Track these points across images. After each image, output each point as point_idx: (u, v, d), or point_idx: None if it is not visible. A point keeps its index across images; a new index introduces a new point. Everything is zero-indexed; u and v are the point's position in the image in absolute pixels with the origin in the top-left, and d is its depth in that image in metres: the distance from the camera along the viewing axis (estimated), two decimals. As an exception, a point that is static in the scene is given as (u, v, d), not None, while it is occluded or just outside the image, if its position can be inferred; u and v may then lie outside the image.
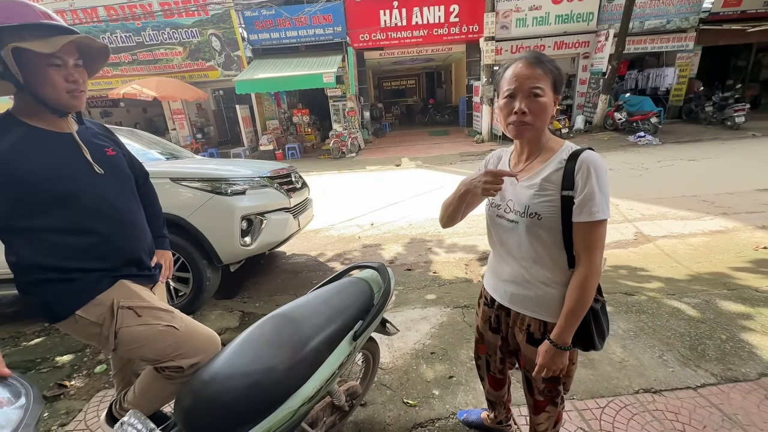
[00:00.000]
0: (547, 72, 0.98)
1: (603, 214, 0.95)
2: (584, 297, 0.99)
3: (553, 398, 1.19)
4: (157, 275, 1.31)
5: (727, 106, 10.29)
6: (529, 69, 0.97)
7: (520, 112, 0.98)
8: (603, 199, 0.95)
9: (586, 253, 0.98)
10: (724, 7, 11.22)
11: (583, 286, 0.98)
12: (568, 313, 1.00)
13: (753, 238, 3.53)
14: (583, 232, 0.97)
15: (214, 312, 2.81)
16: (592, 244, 0.97)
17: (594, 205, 0.94)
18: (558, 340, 1.02)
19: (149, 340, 1.09)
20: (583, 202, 0.95)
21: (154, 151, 3.44)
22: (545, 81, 0.97)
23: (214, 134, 14.25)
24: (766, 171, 5.87)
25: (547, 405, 1.21)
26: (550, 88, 0.98)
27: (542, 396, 1.20)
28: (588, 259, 0.98)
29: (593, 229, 0.96)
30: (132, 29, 11.55)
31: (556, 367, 1.05)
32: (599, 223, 0.95)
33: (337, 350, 1.18)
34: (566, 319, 1.01)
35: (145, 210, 1.35)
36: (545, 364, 1.05)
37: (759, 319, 2.28)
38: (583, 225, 0.96)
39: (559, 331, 1.02)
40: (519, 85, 0.98)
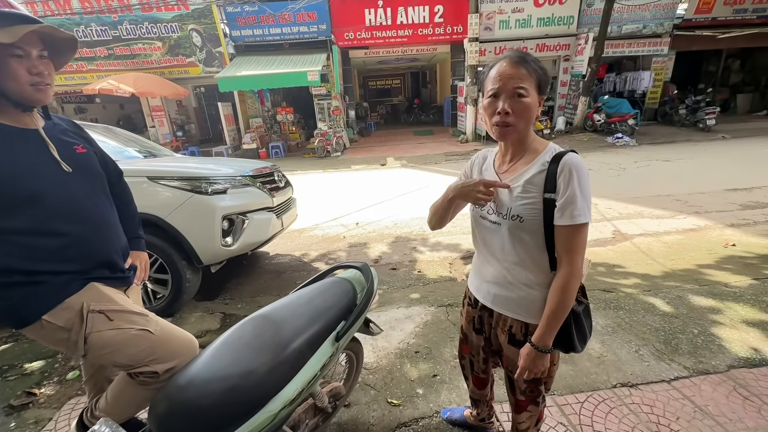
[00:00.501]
0: (532, 72, 0.96)
1: (584, 217, 0.94)
2: (565, 300, 0.99)
3: (534, 398, 1.20)
4: (131, 277, 1.26)
5: (699, 109, 10.71)
6: (513, 68, 0.96)
7: (503, 113, 0.97)
8: (584, 202, 0.95)
9: (567, 255, 0.98)
10: (696, 14, 11.67)
11: (564, 289, 0.98)
12: (549, 316, 1.00)
13: (723, 236, 3.68)
14: (565, 235, 0.97)
15: (194, 314, 2.74)
16: (574, 247, 0.97)
17: (575, 208, 0.94)
18: (539, 343, 1.02)
19: (121, 345, 1.05)
20: (565, 206, 0.95)
21: (132, 149, 3.33)
22: (529, 81, 0.96)
23: (195, 132, 13.92)
24: (736, 172, 6.14)
25: (528, 404, 1.22)
26: (534, 88, 0.97)
27: (524, 396, 1.21)
28: (569, 262, 0.98)
29: (575, 233, 0.96)
30: (108, 22, 11.15)
31: (537, 370, 1.06)
32: (581, 226, 0.95)
33: (320, 351, 1.16)
34: (547, 322, 1.01)
35: (119, 210, 1.30)
36: (526, 366, 1.06)
37: (728, 313, 2.38)
38: (564, 228, 0.96)
39: (540, 333, 1.02)
40: (503, 85, 0.97)
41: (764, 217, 4.12)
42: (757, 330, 2.19)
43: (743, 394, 1.73)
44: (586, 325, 1.11)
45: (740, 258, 3.19)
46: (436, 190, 5.57)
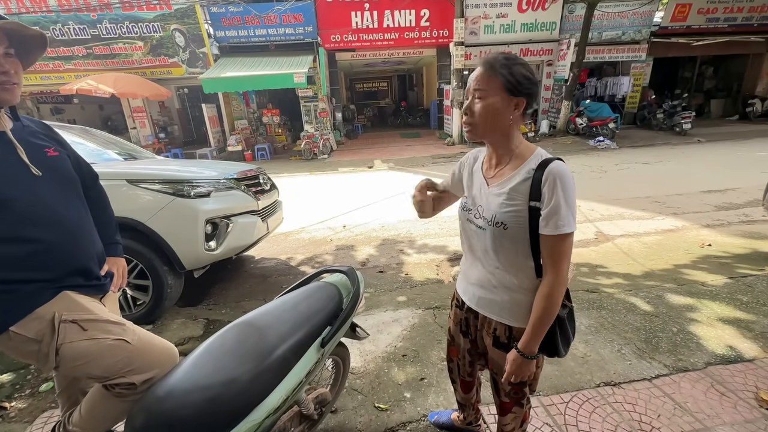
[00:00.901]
0: (494, 75, 0.96)
1: (569, 227, 0.94)
2: (551, 308, 0.99)
3: (518, 399, 1.21)
4: (107, 285, 1.22)
5: (675, 114, 11.09)
6: (479, 71, 0.99)
7: (464, 111, 1.02)
8: (569, 212, 0.94)
9: (552, 264, 0.98)
10: (672, 22, 12.10)
11: (550, 296, 0.98)
12: (535, 323, 1.00)
13: (699, 236, 3.81)
14: (550, 244, 0.97)
15: (177, 321, 2.67)
16: (558, 256, 0.97)
17: (560, 218, 0.93)
18: (525, 349, 1.03)
19: (96, 356, 1.00)
20: (549, 215, 0.94)
21: (111, 152, 3.23)
22: (489, 82, 0.96)
23: (178, 134, 13.64)
24: (710, 174, 6.37)
25: (513, 406, 1.23)
26: (497, 90, 0.96)
27: (508, 398, 1.22)
28: (554, 271, 0.98)
29: (559, 242, 0.96)
30: (87, 21, 10.83)
31: (524, 375, 1.07)
32: (565, 236, 0.95)
33: (305, 358, 1.14)
34: (533, 330, 1.01)
35: (94, 215, 1.25)
36: (513, 372, 1.06)
37: (704, 311, 2.45)
38: (549, 237, 0.96)
39: (526, 340, 1.02)
40: (468, 88, 1.01)
41: (737, 218, 4.28)
42: (732, 327, 2.26)
43: (720, 390, 1.79)
44: (570, 328, 1.12)
45: (716, 257, 3.30)
46: (423, 193, 5.42)
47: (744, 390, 1.78)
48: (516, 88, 0.96)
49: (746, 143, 9.29)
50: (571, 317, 1.14)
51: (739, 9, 12.18)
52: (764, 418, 1.62)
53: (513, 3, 11.66)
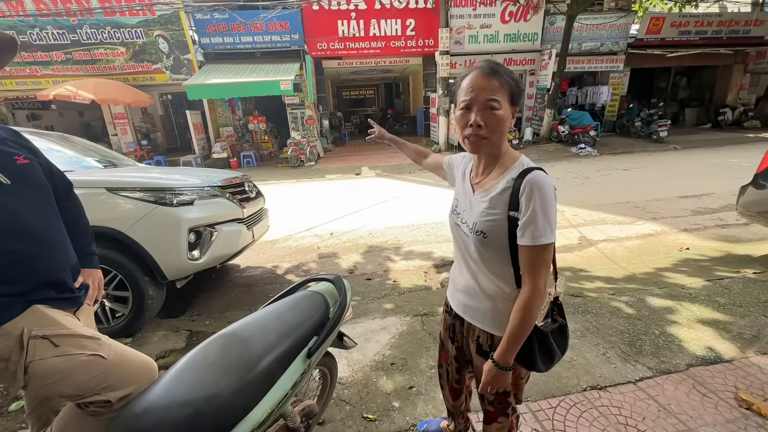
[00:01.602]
0: (504, 83, 0.94)
1: (545, 238, 0.91)
2: (526, 319, 0.96)
3: (503, 409, 1.20)
4: (81, 297, 1.16)
5: (652, 122, 11.49)
6: (485, 80, 0.94)
7: (475, 125, 0.95)
8: (546, 222, 0.91)
9: (529, 275, 0.95)
10: (647, 34, 12.61)
11: (526, 308, 0.95)
12: (510, 335, 0.98)
13: (678, 240, 3.92)
14: (527, 255, 0.95)
15: (158, 333, 2.59)
16: (535, 267, 0.94)
17: (536, 229, 0.91)
18: (500, 360, 1.00)
19: (68, 373, 0.95)
20: (525, 225, 0.92)
21: (91, 159, 3.15)
22: (501, 93, 0.94)
23: (161, 141, 13.39)
24: (687, 180, 6.60)
25: (498, 416, 1.21)
26: (506, 100, 0.95)
27: (492, 407, 1.20)
28: (531, 282, 0.95)
29: (536, 253, 0.93)
30: (66, 26, 10.59)
31: (499, 386, 1.05)
32: (542, 247, 0.92)
33: (290, 369, 1.11)
34: (508, 341, 0.99)
35: (69, 225, 1.21)
36: (488, 382, 1.05)
37: (685, 313, 2.52)
38: (526, 248, 0.94)
39: (501, 351, 1.00)
40: (474, 97, 0.94)
41: (713, 222, 4.43)
42: (711, 329, 2.33)
43: (701, 391, 1.82)
44: (557, 344, 1.09)
45: (694, 261, 3.40)
46: (411, 199, 5.59)
47: (724, 390, 1.82)
48: (518, 97, 0.98)
49: (719, 150, 9.68)
50: (562, 333, 1.11)
51: (709, 23, 12.79)
52: (744, 417, 1.66)
53: (496, 14, 11.96)
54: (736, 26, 12.94)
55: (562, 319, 1.12)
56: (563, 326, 1.12)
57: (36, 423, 1.18)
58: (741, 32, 13.05)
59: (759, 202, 3.24)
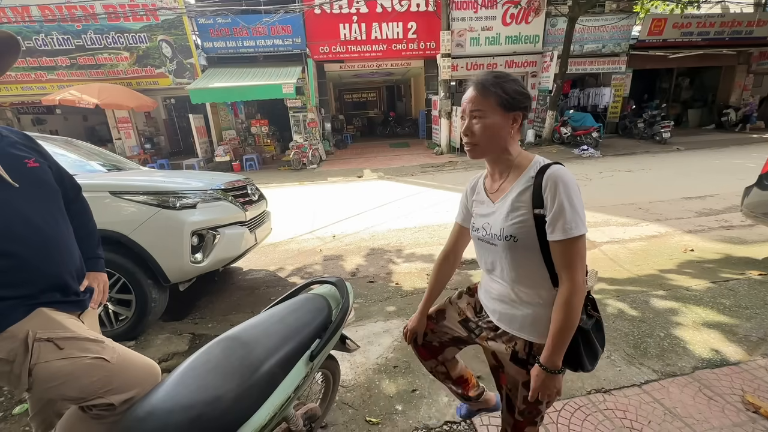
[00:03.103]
0: (490, 94, 0.98)
1: (577, 230, 0.91)
2: (569, 317, 0.94)
3: (533, 418, 1.13)
4: (86, 301, 1.17)
5: (655, 123, 11.46)
6: (471, 93, 1.01)
7: (463, 134, 1.04)
8: (574, 214, 0.91)
9: (566, 271, 0.94)
10: (649, 35, 12.59)
11: (567, 304, 0.93)
12: (555, 335, 0.95)
13: (682, 242, 3.90)
14: (560, 251, 0.94)
15: (161, 336, 2.59)
16: (571, 262, 0.93)
17: (566, 222, 0.91)
18: (547, 363, 0.97)
19: (72, 376, 0.95)
20: (554, 220, 0.92)
21: (94, 163, 3.17)
22: (487, 103, 0.98)
23: (164, 144, 13.46)
24: (691, 181, 6.56)
25: (526, 426, 1.14)
26: (495, 108, 0.98)
27: (522, 417, 1.13)
28: (569, 278, 0.94)
29: (569, 247, 0.92)
30: (71, 31, 10.71)
31: (550, 391, 0.99)
32: (575, 239, 0.91)
33: (293, 373, 1.11)
34: (553, 342, 0.96)
35: (76, 228, 1.21)
36: (537, 388, 1.00)
37: (690, 315, 2.50)
38: (558, 243, 0.93)
39: (548, 354, 0.97)
40: (464, 109, 1.04)
41: (718, 224, 4.40)
42: (717, 331, 2.30)
43: (708, 394, 1.80)
44: (597, 339, 1.06)
45: (698, 262, 3.38)
46: (413, 202, 5.60)
47: (731, 393, 1.80)
48: (511, 103, 0.99)
49: (723, 151, 9.63)
50: (599, 328, 1.09)
51: (711, 24, 12.76)
52: (751, 421, 1.64)
53: (497, 16, 11.99)
54: (738, 27, 12.90)
55: (597, 313, 1.09)
56: (599, 321, 1.09)
57: (40, 426, 1.19)
58: (744, 33, 13.01)
59: (764, 203, 3.21)
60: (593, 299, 1.10)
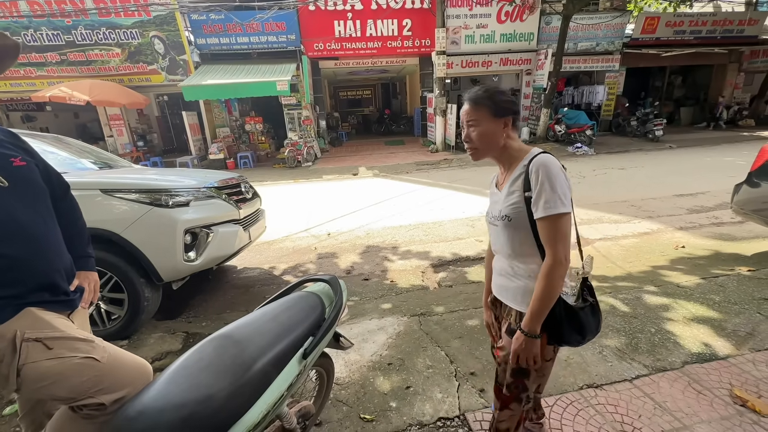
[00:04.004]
0: (480, 106, 1.13)
1: (555, 208, 1.02)
2: (548, 286, 1.05)
3: (518, 394, 1.23)
4: (76, 300, 1.16)
5: (648, 121, 11.55)
6: (467, 106, 1.16)
7: (464, 140, 1.19)
8: (553, 194, 1.02)
9: (548, 246, 1.06)
10: (642, 34, 12.67)
11: (547, 276, 1.05)
12: (535, 302, 1.08)
13: (674, 239, 3.94)
14: (543, 227, 1.06)
15: (154, 335, 2.58)
16: (551, 238, 1.05)
17: (545, 201, 1.03)
18: (526, 327, 1.10)
19: (62, 376, 0.95)
20: (536, 200, 1.05)
21: (86, 161, 3.13)
22: (479, 113, 1.13)
23: (157, 142, 13.32)
24: (682, 178, 6.64)
25: (512, 402, 1.24)
26: (487, 116, 1.13)
27: (509, 391, 1.23)
28: (550, 252, 1.05)
29: (549, 224, 1.04)
30: (61, 27, 10.53)
31: (527, 355, 1.11)
32: (554, 217, 1.03)
33: (286, 370, 1.11)
34: (532, 308, 1.08)
35: (65, 227, 1.20)
36: (516, 350, 1.12)
37: (680, 311, 2.53)
38: (541, 221, 1.05)
39: (528, 318, 1.09)
40: (462, 120, 1.18)
41: (708, 221, 4.45)
42: (706, 326, 2.34)
43: (697, 388, 1.83)
44: (587, 322, 1.16)
45: (689, 259, 3.42)
46: (408, 200, 5.60)
47: (719, 387, 1.83)
48: (500, 111, 1.13)
49: (714, 149, 9.74)
50: (594, 312, 1.19)
51: (704, 23, 12.86)
52: (739, 414, 1.67)
53: (492, 14, 11.99)
54: (730, 26, 13.02)
55: (593, 298, 1.21)
56: (594, 305, 1.20)
57: (30, 426, 1.18)
58: (735, 31, 13.13)
59: (753, 200, 3.26)
60: (591, 286, 1.23)
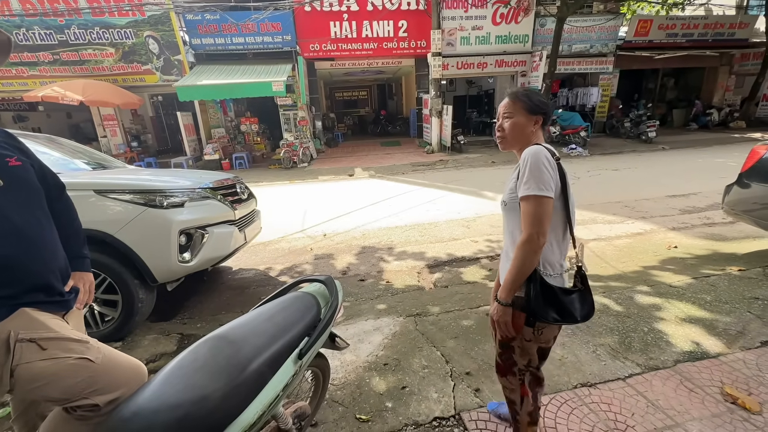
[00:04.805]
0: (517, 101, 1.27)
1: (531, 190, 1.12)
2: (518, 261, 1.15)
3: (509, 366, 1.35)
4: (71, 301, 1.15)
5: (641, 123, 11.67)
6: (506, 100, 1.30)
7: (497, 129, 1.33)
8: (531, 178, 1.13)
9: (524, 223, 1.15)
10: (635, 36, 12.82)
11: (519, 248, 1.15)
12: (507, 273, 1.19)
13: (666, 239, 3.99)
14: (522, 208, 1.17)
15: (148, 336, 2.56)
16: (525, 217, 1.15)
17: (524, 183, 1.14)
18: (500, 295, 1.21)
19: (56, 377, 0.94)
20: (519, 184, 1.17)
21: (79, 161, 3.11)
22: (515, 107, 1.27)
23: (152, 142, 13.25)
24: (675, 180, 6.71)
25: (506, 372, 1.36)
26: (521, 111, 1.26)
27: (501, 360, 1.37)
28: (525, 230, 1.15)
29: (524, 204, 1.15)
30: (54, 26, 10.44)
31: (503, 321, 1.22)
32: (527, 198, 1.13)
33: (281, 371, 1.11)
34: (506, 278, 1.20)
35: (60, 227, 1.19)
36: (492, 316, 1.25)
37: (672, 310, 2.56)
38: (521, 201, 1.16)
39: (501, 287, 1.22)
40: (499, 113, 1.32)
41: (700, 221, 4.51)
42: (697, 325, 2.37)
43: (688, 386, 1.86)
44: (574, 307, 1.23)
45: (681, 259, 3.46)
46: (404, 200, 5.60)
47: (710, 385, 1.85)
48: (534, 109, 1.26)
49: (706, 150, 9.86)
50: (584, 300, 1.26)
51: (695, 26, 13.04)
52: (729, 411, 1.69)
53: (487, 16, 12.07)
54: (721, 29, 13.22)
55: (582, 285, 1.28)
56: (584, 293, 1.27)
57: (23, 428, 1.17)
58: (726, 35, 13.33)
59: (743, 201, 3.31)
60: (584, 275, 1.30)
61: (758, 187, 3.16)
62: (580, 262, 1.31)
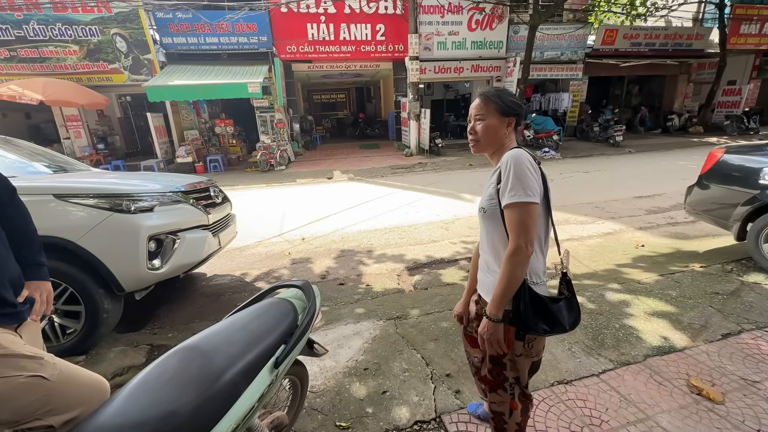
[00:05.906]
0: (489, 102, 1.21)
1: (517, 197, 1.07)
2: (507, 272, 1.09)
3: (500, 382, 1.26)
4: (24, 312, 1.07)
5: (609, 127, 12.21)
6: (478, 101, 1.24)
7: (469, 132, 1.27)
8: (517, 184, 1.07)
9: (511, 233, 1.10)
10: (602, 45, 13.43)
11: (508, 262, 1.09)
12: (496, 287, 1.13)
13: (634, 238, 4.16)
14: (507, 216, 1.11)
15: (114, 349, 2.42)
16: (514, 225, 1.09)
17: (508, 191, 1.08)
18: (489, 311, 1.14)
19: (5, 397, 0.86)
20: (502, 190, 1.11)
21: (38, 164, 2.92)
22: (487, 108, 1.21)
23: (120, 144, 12.65)
24: (641, 182, 7.04)
25: (496, 387, 1.28)
26: (493, 113, 1.21)
27: (491, 376, 1.28)
28: (512, 239, 1.09)
29: (510, 212, 1.09)
30: (10, 21, 9.82)
31: (493, 339, 1.15)
32: (513, 205, 1.08)
33: (256, 381, 1.07)
34: (494, 293, 1.13)
35: (11, 234, 1.11)
36: (482, 332, 1.17)
37: (641, 306, 2.67)
38: (505, 209, 1.11)
39: (490, 303, 1.15)
40: (471, 114, 1.26)
41: (665, 221, 4.74)
42: (665, 320, 2.48)
43: (658, 380, 1.93)
44: (559, 314, 1.16)
45: (649, 257, 3.62)
46: (383, 203, 5.59)
47: (678, 378, 1.94)
48: (506, 110, 1.21)
49: (668, 153, 10.42)
50: (570, 308, 1.20)
51: (657, 36, 13.82)
52: (695, 402, 1.77)
53: (463, 21, 12.31)
54: (680, 39, 14.06)
55: (567, 293, 1.23)
56: (570, 300, 1.22)
57: (-32, 455, 1.07)
58: (684, 45, 14.19)
59: (703, 201, 3.51)
60: (569, 281, 1.26)
61: (716, 188, 3.36)
62: (566, 269, 1.26)
